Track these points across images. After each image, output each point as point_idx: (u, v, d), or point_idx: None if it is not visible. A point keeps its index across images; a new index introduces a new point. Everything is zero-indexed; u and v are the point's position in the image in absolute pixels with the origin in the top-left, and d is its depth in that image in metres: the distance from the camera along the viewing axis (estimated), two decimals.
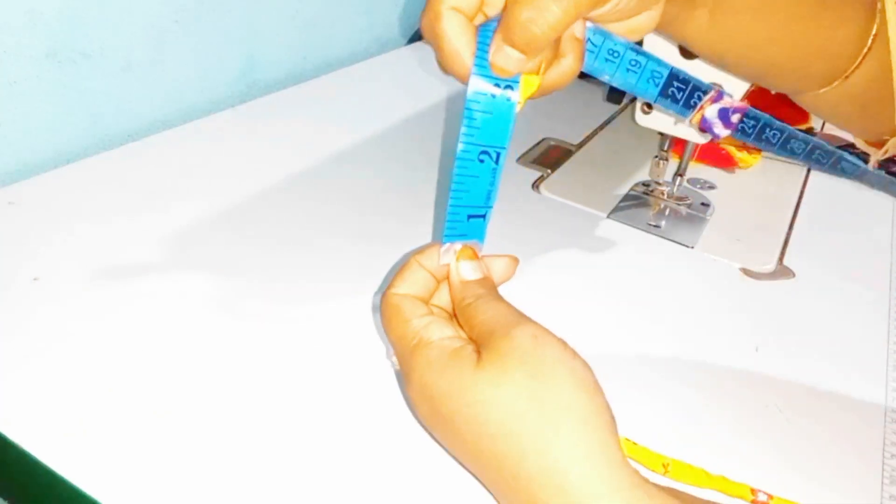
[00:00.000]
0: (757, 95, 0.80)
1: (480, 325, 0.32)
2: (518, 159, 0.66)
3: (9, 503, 0.36)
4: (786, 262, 0.56)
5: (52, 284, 0.42)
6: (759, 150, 0.74)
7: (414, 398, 0.32)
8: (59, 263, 0.44)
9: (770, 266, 0.55)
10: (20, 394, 0.35)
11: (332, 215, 0.53)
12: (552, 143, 0.70)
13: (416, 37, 0.97)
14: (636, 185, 0.64)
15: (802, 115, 0.79)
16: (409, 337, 0.32)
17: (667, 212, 0.61)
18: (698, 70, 0.53)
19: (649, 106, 0.55)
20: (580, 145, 0.70)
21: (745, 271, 0.54)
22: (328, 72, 0.79)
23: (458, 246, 0.36)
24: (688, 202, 0.62)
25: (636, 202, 0.61)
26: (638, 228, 0.58)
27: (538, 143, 0.69)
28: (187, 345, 0.39)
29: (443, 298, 0.36)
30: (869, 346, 0.48)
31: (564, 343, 0.31)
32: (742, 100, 0.63)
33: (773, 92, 0.61)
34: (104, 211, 0.49)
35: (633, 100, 0.56)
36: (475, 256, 0.36)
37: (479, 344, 0.32)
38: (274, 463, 0.33)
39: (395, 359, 0.34)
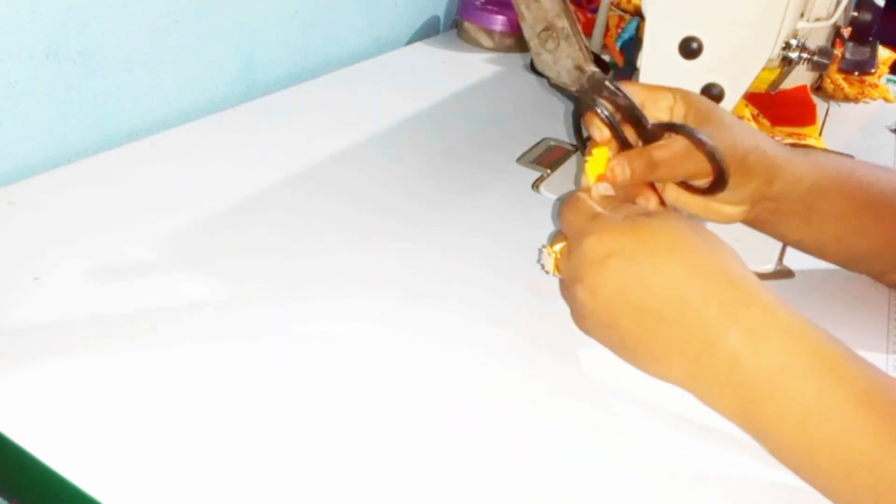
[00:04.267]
0: (758, 97, 0.80)
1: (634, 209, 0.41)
2: (518, 159, 0.66)
3: (9, 503, 0.36)
4: (786, 262, 0.56)
5: (52, 284, 0.42)
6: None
7: (592, 247, 0.38)
8: (59, 263, 0.44)
9: (770, 266, 0.55)
10: (20, 393, 0.35)
11: (331, 215, 0.53)
12: (552, 143, 0.70)
13: (416, 37, 0.97)
14: None
15: (809, 117, 0.79)
16: (589, 212, 0.40)
17: None
18: (698, 70, 0.53)
19: None
20: None
21: None
22: (328, 72, 0.79)
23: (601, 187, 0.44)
24: None
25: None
26: None
27: (538, 143, 0.69)
28: (186, 345, 0.39)
29: None
30: (869, 346, 0.48)
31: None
32: (741, 100, 0.63)
33: (773, 91, 0.61)
34: (104, 211, 0.49)
35: None
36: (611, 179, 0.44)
37: None
38: (272, 464, 0.33)
39: (548, 249, 0.43)
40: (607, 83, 0.44)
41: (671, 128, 0.44)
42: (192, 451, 0.33)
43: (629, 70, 0.86)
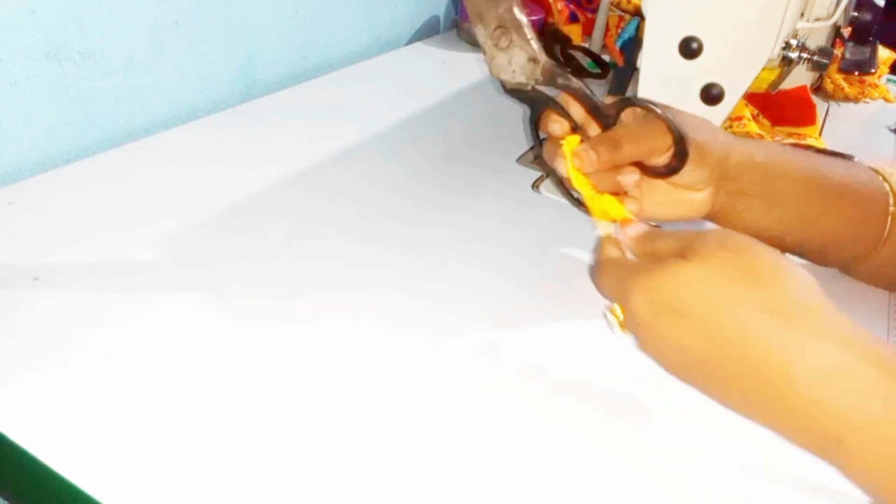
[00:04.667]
0: (758, 97, 0.80)
1: (669, 252, 0.39)
2: (518, 159, 0.66)
3: (9, 503, 0.36)
4: None
5: (52, 284, 0.42)
6: (760, 138, 0.74)
7: (637, 310, 0.36)
8: (59, 263, 0.44)
9: None
10: (20, 393, 0.35)
11: (331, 215, 0.53)
12: None
13: (416, 37, 0.97)
14: None
15: (809, 117, 0.79)
16: (624, 272, 0.38)
17: None
18: (698, 70, 0.53)
19: None
20: None
21: None
22: (328, 72, 0.79)
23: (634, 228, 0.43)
24: None
25: None
26: None
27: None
28: (187, 345, 0.39)
29: None
30: None
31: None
32: (741, 100, 0.63)
33: (773, 91, 0.61)
34: (104, 211, 0.49)
35: None
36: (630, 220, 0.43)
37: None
38: (272, 464, 0.33)
39: (609, 313, 0.39)
40: (560, 70, 0.45)
41: (625, 101, 0.46)
42: (193, 452, 0.33)
43: (629, 70, 0.86)
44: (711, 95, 0.53)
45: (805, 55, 0.52)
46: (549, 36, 0.95)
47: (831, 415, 0.32)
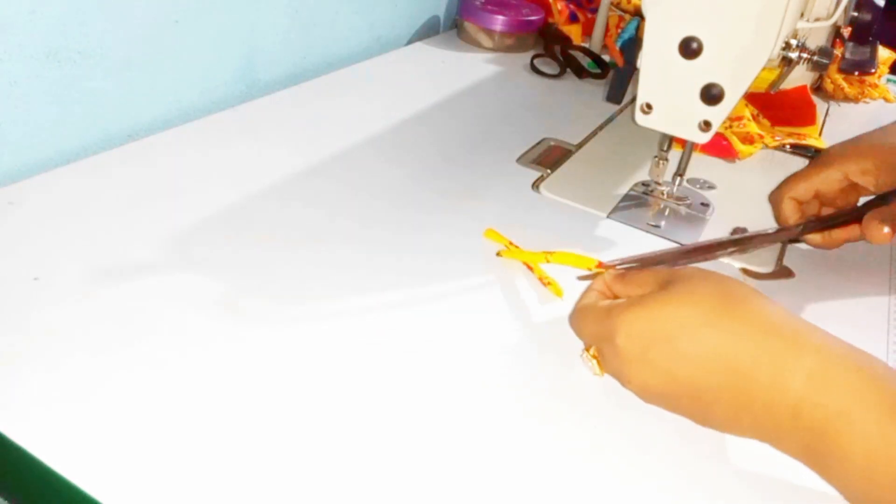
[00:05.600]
0: (758, 97, 0.80)
1: (648, 290, 0.40)
2: (518, 159, 0.66)
3: (9, 503, 0.36)
4: (786, 262, 0.56)
5: (52, 284, 0.42)
6: (761, 138, 0.74)
7: (625, 345, 0.38)
8: (59, 263, 0.44)
9: (770, 266, 0.55)
10: (20, 393, 0.35)
11: (331, 216, 0.53)
12: (552, 143, 0.70)
13: (416, 37, 0.97)
14: (636, 185, 0.64)
15: (809, 117, 0.79)
16: (602, 312, 0.40)
17: (666, 212, 0.61)
18: (698, 70, 0.53)
19: (649, 106, 0.55)
20: (580, 145, 0.70)
21: (746, 271, 0.54)
22: (328, 72, 0.79)
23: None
24: (687, 202, 0.62)
25: (636, 202, 0.62)
26: (638, 228, 0.58)
27: (538, 143, 0.69)
28: (187, 345, 0.39)
29: None
30: (869, 346, 0.48)
31: None
32: (741, 100, 0.63)
33: (773, 91, 0.61)
34: (104, 211, 0.49)
35: (633, 100, 0.56)
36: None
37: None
38: (271, 464, 0.33)
39: (586, 355, 0.41)
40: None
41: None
42: (193, 452, 0.33)
43: (629, 70, 0.86)
44: (711, 95, 0.53)
45: (805, 55, 0.52)
46: (549, 36, 0.95)
47: (815, 409, 0.34)
